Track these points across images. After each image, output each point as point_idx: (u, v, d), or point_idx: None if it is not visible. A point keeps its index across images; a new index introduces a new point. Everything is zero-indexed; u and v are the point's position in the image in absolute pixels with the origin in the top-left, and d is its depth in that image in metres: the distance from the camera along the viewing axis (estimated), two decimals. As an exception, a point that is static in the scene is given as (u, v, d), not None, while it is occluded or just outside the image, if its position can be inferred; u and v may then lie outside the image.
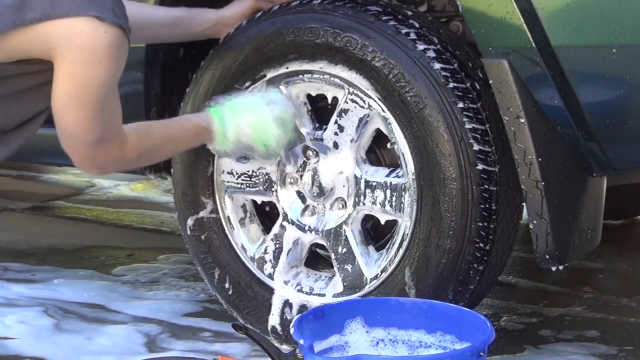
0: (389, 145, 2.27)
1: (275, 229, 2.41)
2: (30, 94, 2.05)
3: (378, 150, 2.33)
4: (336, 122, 2.29)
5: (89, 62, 1.91)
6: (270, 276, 2.41)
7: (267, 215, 2.51)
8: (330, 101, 2.33)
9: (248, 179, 2.43)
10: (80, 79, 1.93)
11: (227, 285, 2.46)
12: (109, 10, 1.90)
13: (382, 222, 2.30)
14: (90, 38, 1.90)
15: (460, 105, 2.12)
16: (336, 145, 2.30)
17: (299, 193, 2.38)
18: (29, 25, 1.89)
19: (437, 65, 2.14)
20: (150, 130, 2.21)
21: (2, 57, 1.96)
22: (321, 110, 2.37)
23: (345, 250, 2.31)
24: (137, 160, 2.17)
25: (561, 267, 2.19)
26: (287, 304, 2.38)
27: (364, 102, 2.24)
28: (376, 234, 2.37)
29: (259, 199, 2.46)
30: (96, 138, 2.02)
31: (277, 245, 2.41)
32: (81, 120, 1.99)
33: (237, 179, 2.44)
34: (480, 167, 2.12)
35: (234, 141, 2.24)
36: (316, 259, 2.47)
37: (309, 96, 2.35)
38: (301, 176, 2.37)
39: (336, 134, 2.29)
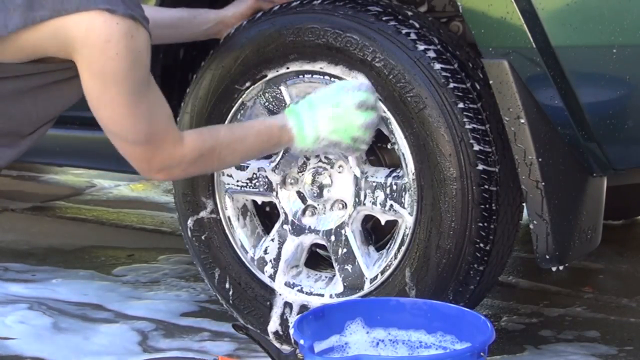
0: (389, 145, 2.27)
1: (275, 229, 2.41)
2: (49, 94, 2.03)
3: (378, 150, 2.33)
4: (336, 122, 2.29)
5: (105, 55, 1.88)
6: (271, 276, 2.41)
7: (267, 216, 2.51)
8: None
9: (248, 180, 2.42)
10: (101, 73, 1.90)
11: (227, 286, 2.46)
12: (119, 2, 1.88)
13: (382, 223, 2.30)
14: (103, 31, 1.87)
15: (460, 105, 2.12)
16: (336, 145, 2.30)
17: (299, 193, 2.38)
18: (40, 23, 1.88)
19: (437, 65, 2.14)
20: (213, 130, 2.15)
21: (18, 56, 1.94)
22: (321, 110, 2.37)
23: (345, 250, 2.31)
24: (201, 162, 2.09)
25: (561, 267, 2.19)
26: (287, 304, 2.38)
27: (364, 102, 2.24)
28: (376, 234, 2.37)
29: (259, 199, 2.45)
30: (139, 136, 1.98)
31: (277, 246, 2.40)
32: (116, 117, 1.95)
33: (236, 180, 2.43)
34: (480, 167, 2.12)
35: (314, 137, 2.16)
36: (316, 259, 2.47)
37: (309, 96, 2.35)
38: (301, 176, 2.37)
39: (336, 134, 2.29)
